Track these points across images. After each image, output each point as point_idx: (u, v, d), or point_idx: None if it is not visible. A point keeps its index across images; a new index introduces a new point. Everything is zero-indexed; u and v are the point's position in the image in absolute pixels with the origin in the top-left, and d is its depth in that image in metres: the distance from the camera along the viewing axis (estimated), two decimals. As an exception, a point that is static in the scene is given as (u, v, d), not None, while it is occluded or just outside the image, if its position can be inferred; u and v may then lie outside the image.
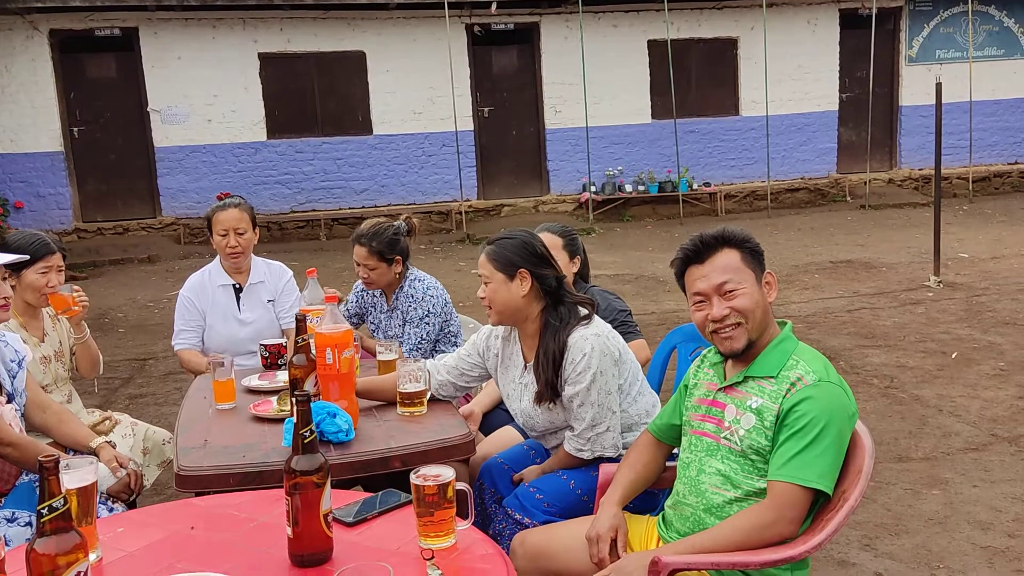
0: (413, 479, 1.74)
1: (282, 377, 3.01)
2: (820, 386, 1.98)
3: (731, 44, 13.64)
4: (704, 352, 2.33)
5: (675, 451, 2.39)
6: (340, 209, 12.55)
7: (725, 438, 2.09)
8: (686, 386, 2.31)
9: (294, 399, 1.67)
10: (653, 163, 13.36)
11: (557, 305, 2.57)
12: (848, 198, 13.88)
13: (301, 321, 2.55)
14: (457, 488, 1.77)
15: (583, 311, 2.56)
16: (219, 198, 3.85)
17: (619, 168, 13.27)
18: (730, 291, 2.07)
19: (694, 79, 13.59)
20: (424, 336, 3.54)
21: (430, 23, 12.36)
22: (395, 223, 3.62)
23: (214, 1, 11.50)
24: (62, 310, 3.05)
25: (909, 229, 11.26)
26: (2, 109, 11.65)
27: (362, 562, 1.45)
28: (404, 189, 12.83)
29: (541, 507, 2.53)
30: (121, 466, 2.59)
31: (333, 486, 2.61)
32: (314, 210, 12.52)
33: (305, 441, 1.64)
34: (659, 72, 13.10)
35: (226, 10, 11.85)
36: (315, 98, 12.48)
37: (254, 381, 2.98)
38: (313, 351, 2.48)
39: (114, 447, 2.70)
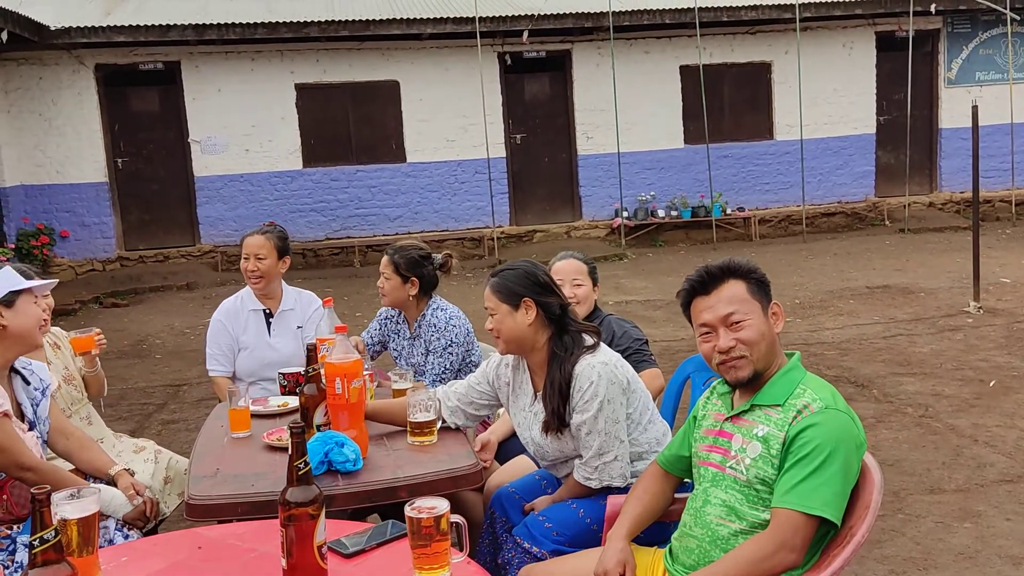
0: (408, 511, 1.75)
1: (275, 402, 3.05)
2: (827, 413, 1.95)
3: (765, 68, 13.58)
4: (714, 383, 2.30)
5: (686, 481, 2.36)
6: (374, 236, 12.68)
7: (731, 468, 2.06)
8: (695, 417, 2.29)
9: (288, 431, 1.69)
10: (686, 188, 13.31)
11: (562, 334, 2.57)
12: (886, 222, 13.67)
13: (312, 351, 2.58)
14: (452, 520, 1.77)
15: (588, 340, 2.56)
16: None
17: (652, 193, 13.24)
18: (736, 322, 2.06)
19: (727, 103, 13.55)
20: (448, 366, 3.56)
21: (463, 52, 12.51)
22: (432, 252, 3.66)
23: (253, 34, 11.76)
24: (82, 351, 3.12)
25: (949, 253, 11.05)
26: (49, 141, 12.01)
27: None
28: (437, 216, 12.93)
29: (550, 536, 2.52)
30: (138, 494, 2.63)
31: (346, 515, 2.63)
32: (348, 237, 12.67)
33: (299, 473, 1.66)
34: (692, 97, 13.08)
35: (264, 43, 12.12)
36: (349, 127, 12.67)
37: (252, 406, 3.00)
38: (323, 381, 2.51)
39: (132, 475, 2.74)
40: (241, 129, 12.34)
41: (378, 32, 12.02)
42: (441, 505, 1.75)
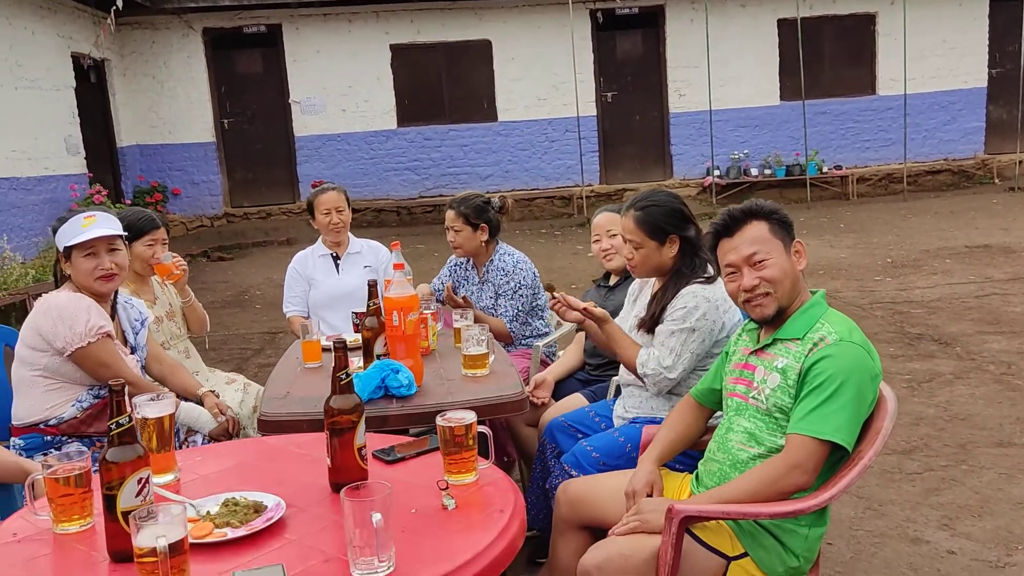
0: (439, 421, 1.93)
1: (348, 338, 3.30)
2: (841, 345, 2.03)
3: (869, 20, 13.07)
4: (745, 322, 2.40)
5: (718, 415, 2.48)
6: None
7: (753, 398, 2.17)
8: (727, 353, 2.39)
9: (333, 347, 1.88)
10: (781, 146, 13.01)
11: (692, 256, 2.73)
12: (996, 180, 13.04)
13: (373, 287, 2.79)
14: (479, 431, 1.95)
15: (711, 270, 2.71)
16: (313, 186, 4.30)
17: (745, 151, 13.01)
18: (759, 261, 2.14)
19: (827, 58, 13.12)
20: (520, 307, 3.76)
21: (555, 10, 12.51)
22: (489, 197, 3.88)
23: (350, -4, 12.10)
24: (165, 276, 3.43)
25: (1061, 213, 10.51)
26: (162, 103, 12.70)
27: (369, 482, 1.66)
28: (528, 175, 13.07)
29: (596, 464, 2.67)
30: (221, 412, 2.93)
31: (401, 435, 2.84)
32: (441, 195, 12.95)
33: (341, 383, 1.86)
34: (789, 52, 12.73)
35: (361, 4, 12.43)
36: (442, 87, 12.91)
37: (323, 341, 3.24)
38: (383, 314, 2.73)
39: (217, 396, 3.04)
40: (338, 90, 12.74)
41: (470, -9, 12.16)
42: (468, 416, 1.93)
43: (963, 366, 5.24)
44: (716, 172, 12.75)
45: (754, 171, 12.89)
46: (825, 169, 12.87)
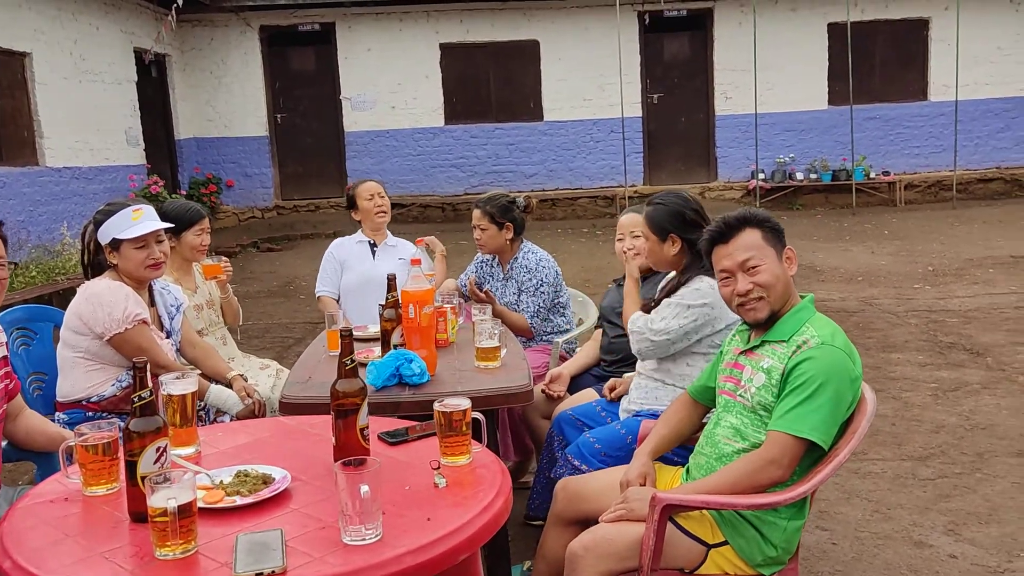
0: (436, 407, 2.07)
1: (373, 329, 3.46)
2: (822, 348, 2.12)
3: (922, 25, 12.89)
4: (739, 323, 2.50)
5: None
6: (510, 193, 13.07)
7: (740, 395, 2.27)
8: (721, 353, 2.50)
9: (340, 335, 2.04)
10: (828, 150, 12.91)
11: (700, 255, 2.86)
12: (1051, 190, 12.77)
13: (392, 280, 2.94)
14: (474, 417, 2.08)
15: None
16: (347, 189, 4.51)
17: (791, 155, 12.94)
18: (753, 267, 2.24)
19: (878, 63, 12.98)
20: (541, 304, 3.89)
21: (603, 11, 12.59)
22: (515, 197, 4.02)
23: (401, -4, 12.33)
24: (211, 276, 3.64)
25: (1116, 224, 10.26)
26: (219, 98, 13.10)
27: (356, 457, 1.80)
28: (572, 174, 13.17)
29: (598, 456, 2.80)
30: (248, 395, 3.11)
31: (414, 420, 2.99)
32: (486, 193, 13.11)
33: (347, 368, 2.01)
34: (839, 56, 12.62)
35: (412, 4, 12.67)
36: (490, 85, 13.08)
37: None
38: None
39: (246, 380, 3.23)
40: (388, 87, 13.00)
41: (519, -8, 12.30)
42: (464, 403, 2.07)
43: (991, 376, 5.22)
44: (760, 175, 12.71)
45: (799, 175, 12.82)
46: (873, 175, 12.74)
